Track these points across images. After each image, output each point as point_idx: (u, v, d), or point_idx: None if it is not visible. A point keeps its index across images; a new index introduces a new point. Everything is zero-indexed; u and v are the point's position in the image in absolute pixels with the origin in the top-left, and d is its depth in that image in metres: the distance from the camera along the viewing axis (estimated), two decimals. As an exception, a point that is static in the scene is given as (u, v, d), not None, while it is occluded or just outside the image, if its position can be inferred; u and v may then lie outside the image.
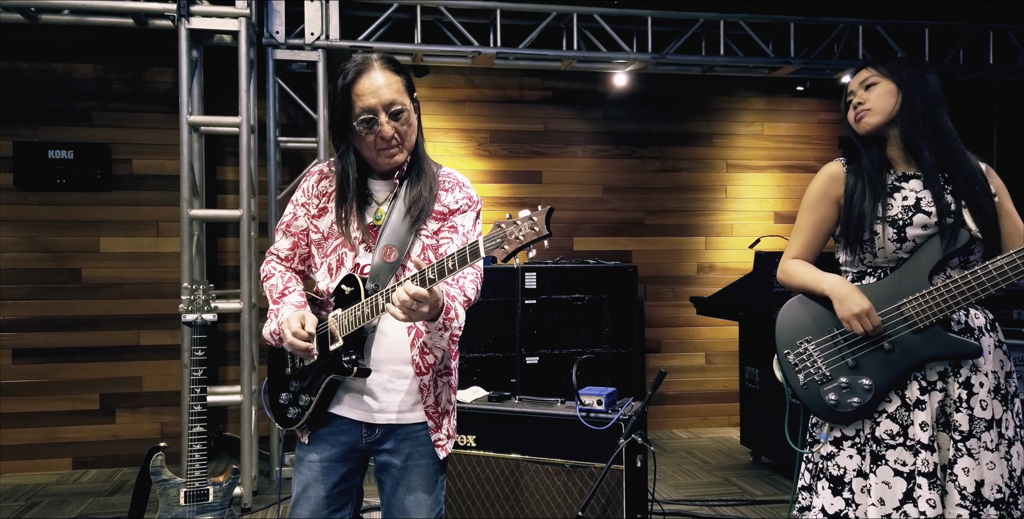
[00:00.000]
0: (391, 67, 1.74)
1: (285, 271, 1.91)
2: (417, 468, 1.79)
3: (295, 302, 1.83)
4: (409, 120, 1.74)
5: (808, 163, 5.65)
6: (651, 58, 4.68)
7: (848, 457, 1.83)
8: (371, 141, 1.72)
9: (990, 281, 1.71)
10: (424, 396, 1.77)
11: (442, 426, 1.81)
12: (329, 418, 1.81)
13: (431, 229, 1.78)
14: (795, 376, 1.89)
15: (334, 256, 1.81)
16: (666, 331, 5.46)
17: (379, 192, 1.81)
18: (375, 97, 1.68)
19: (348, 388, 1.79)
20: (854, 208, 1.87)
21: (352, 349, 1.71)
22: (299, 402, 1.80)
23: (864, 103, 1.89)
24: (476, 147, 5.25)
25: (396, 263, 1.72)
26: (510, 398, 3.10)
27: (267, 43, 4.24)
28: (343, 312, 1.73)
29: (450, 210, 1.80)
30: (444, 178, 1.85)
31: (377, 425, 1.78)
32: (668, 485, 4.19)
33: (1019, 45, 4.99)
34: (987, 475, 1.73)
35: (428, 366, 1.76)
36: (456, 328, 1.71)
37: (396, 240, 1.74)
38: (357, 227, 1.77)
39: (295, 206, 1.88)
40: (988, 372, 1.79)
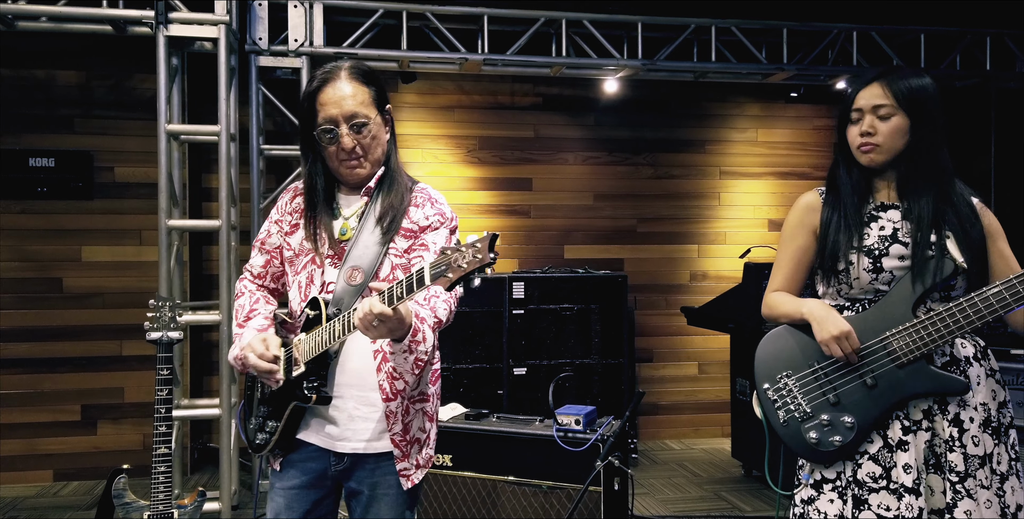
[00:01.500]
0: (359, 77, 1.68)
1: (256, 290, 1.86)
2: (386, 497, 1.73)
3: (258, 326, 1.78)
4: (374, 133, 1.69)
5: (803, 170, 5.57)
6: (642, 64, 4.60)
7: (829, 501, 1.75)
8: (332, 152, 1.69)
9: (976, 314, 1.63)
10: (391, 423, 1.69)
11: (410, 455, 1.73)
12: (299, 444, 1.75)
13: (401, 247, 1.71)
14: (775, 413, 1.81)
15: (304, 273, 1.76)
16: (659, 340, 5.38)
17: (346, 206, 1.76)
18: (337, 108, 1.64)
19: (315, 414, 1.73)
20: (829, 237, 1.80)
21: (314, 375, 1.65)
22: (266, 428, 1.75)
23: (875, 135, 1.76)
24: (466, 154, 5.18)
25: (362, 285, 1.66)
26: (488, 416, 3.04)
27: (250, 50, 4.18)
28: (306, 336, 1.67)
29: (420, 227, 1.73)
30: (417, 193, 1.78)
31: (344, 454, 1.72)
32: (657, 500, 4.12)
33: (1016, 51, 4.90)
34: (985, 514, 1.65)
35: (397, 392, 1.68)
36: (422, 352, 1.63)
37: (363, 260, 1.68)
38: (324, 242, 1.72)
39: (270, 223, 1.85)
40: (978, 405, 1.72)
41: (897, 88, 1.75)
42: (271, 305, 1.86)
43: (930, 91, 1.76)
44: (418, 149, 5.11)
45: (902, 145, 1.77)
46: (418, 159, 5.10)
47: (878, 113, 1.76)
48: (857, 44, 4.74)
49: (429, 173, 5.10)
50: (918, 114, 1.74)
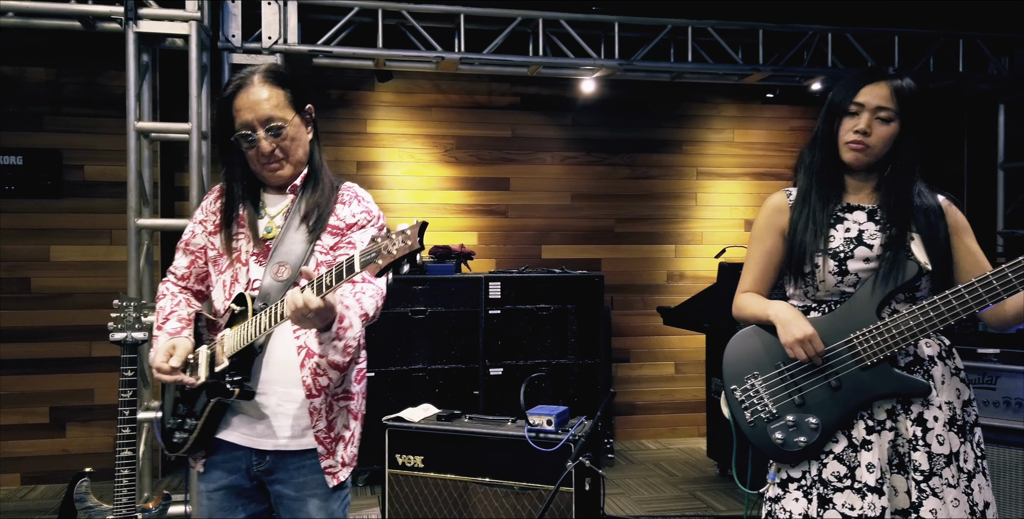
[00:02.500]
0: (273, 80, 1.69)
1: (177, 292, 1.86)
2: (313, 498, 1.72)
3: (171, 329, 1.77)
4: (292, 135, 1.71)
5: (779, 171, 5.59)
6: (618, 64, 4.60)
7: (794, 500, 1.75)
8: (252, 156, 1.71)
9: (938, 316, 1.64)
10: (315, 420, 1.70)
11: (335, 452, 1.73)
12: (220, 444, 1.74)
13: (327, 244, 1.73)
14: (742, 414, 1.81)
15: (229, 272, 1.76)
16: (635, 340, 5.39)
17: (271, 205, 1.78)
18: (252, 112, 1.66)
19: (236, 411, 1.72)
20: (796, 239, 1.80)
21: (238, 370, 1.65)
22: (185, 426, 1.73)
23: (870, 135, 1.74)
24: (443, 153, 5.16)
25: (289, 281, 1.67)
26: (460, 417, 3.02)
27: (223, 47, 4.13)
28: (231, 331, 1.67)
29: (347, 225, 1.75)
30: (343, 191, 1.80)
31: (267, 452, 1.71)
32: (632, 500, 4.12)
33: (989, 53, 4.95)
34: (953, 513, 1.65)
35: (320, 388, 1.69)
36: (351, 338, 1.64)
37: (290, 256, 1.69)
38: (249, 241, 1.73)
39: (193, 223, 1.85)
40: (942, 404, 1.72)
41: (903, 95, 1.74)
42: (192, 307, 1.85)
43: (924, 99, 1.77)
44: (395, 148, 5.08)
45: (887, 151, 1.77)
46: (395, 158, 5.07)
47: (879, 115, 1.74)
48: (832, 46, 4.76)
49: (406, 173, 5.08)
50: (910, 124, 1.75)
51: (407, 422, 2.96)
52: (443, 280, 4.43)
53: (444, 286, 4.42)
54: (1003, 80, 5.00)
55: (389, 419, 3.01)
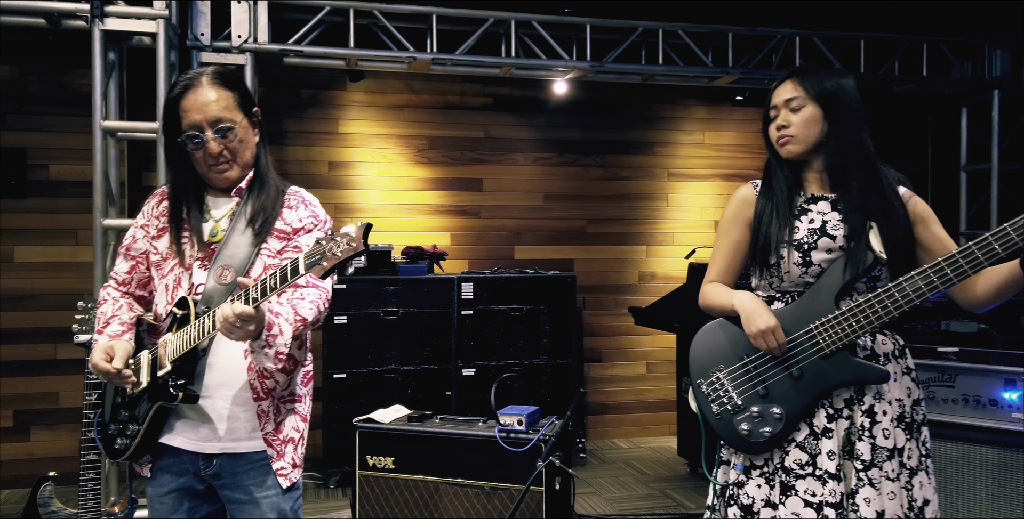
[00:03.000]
0: (221, 82, 1.69)
1: (119, 298, 1.84)
2: (265, 501, 1.72)
3: (112, 332, 1.75)
4: (240, 137, 1.70)
5: (748, 172, 5.66)
6: (590, 66, 4.63)
7: (757, 486, 1.80)
8: (199, 157, 1.69)
9: (893, 304, 1.68)
10: (263, 422, 1.70)
11: (285, 454, 1.74)
12: (165, 449, 1.73)
13: (274, 248, 1.73)
14: (709, 407, 1.85)
15: (171, 276, 1.74)
16: (607, 340, 5.42)
17: (215, 208, 1.77)
18: (200, 113, 1.65)
19: (181, 416, 1.71)
20: (761, 231, 1.84)
21: (180, 374, 1.64)
22: (127, 432, 1.72)
23: (788, 127, 1.82)
24: (415, 154, 5.15)
25: (232, 284, 1.66)
26: (431, 418, 3.02)
27: (191, 45, 4.09)
28: (173, 335, 1.66)
29: (294, 229, 1.75)
30: (290, 195, 1.80)
31: (213, 456, 1.70)
32: (603, 498, 4.14)
33: (952, 58, 5.06)
34: (887, 505, 1.70)
35: (268, 391, 1.70)
36: (281, 345, 1.62)
37: (234, 259, 1.69)
38: (193, 245, 1.72)
39: (135, 228, 1.83)
40: (892, 400, 1.76)
41: (806, 81, 1.81)
42: (134, 312, 1.83)
43: (840, 80, 1.81)
44: (367, 148, 5.06)
45: (818, 133, 1.81)
46: (367, 159, 5.06)
47: (790, 106, 1.82)
48: (800, 49, 4.84)
49: (378, 173, 5.06)
50: (830, 102, 1.79)
51: (378, 423, 2.96)
52: (415, 281, 4.43)
53: (416, 287, 4.42)
54: (965, 84, 5.12)
55: (360, 420, 3.00)
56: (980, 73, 5.13)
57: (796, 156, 1.84)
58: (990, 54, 5.09)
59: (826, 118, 1.80)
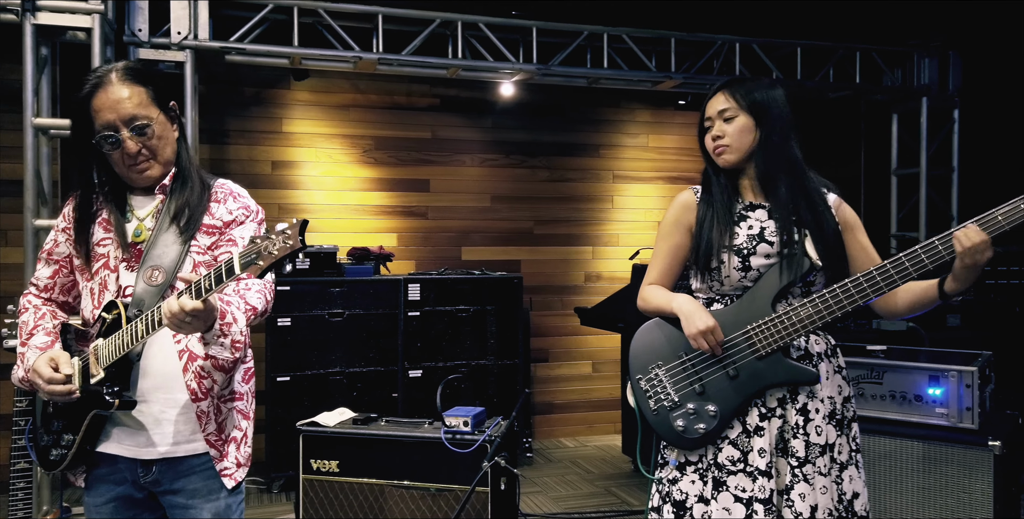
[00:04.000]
0: (133, 78, 1.63)
1: (41, 305, 1.78)
2: (208, 503, 1.68)
3: (40, 343, 1.69)
4: (159, 133, 1.65)
5: (691, 175, 5.78)
6: (537, 69, 4.67)
7: (691, 482, 1.85)
8: (117, 158, 1.63)
9: (827, 309, 1.75)
10: (203, 423, 1.66)
11: (228, 454, 1.70)
12: (101, 458, 1.68)
13: (204, 244, 1.68)
14: (646, 402, 1.89)
15: (96, 280, 1.68)
16: (554, 340, 5.47)
17: (139, 207, 1.72)
18: (113, 112, 1.59)
19: (117, 423, 1.66)
20: (703, 236, 1.89)
21: (115, 380, 1.59)
22: (61, 442, 1.67)
23: (723, 137, 1.87)
24: (361, 154, 5.11)
25: (164, 285, 1.62)
26: (376, 420, 3.01)
27: (129, 41, 3.99)
28: (104, 341, 1.61)
29: (224, 223, 1.71)
30: (217, 189, 1.75)
31: (153, 462, 1.66)
32: (549, 497, 4.18)
33: (883, 66, 5.26)
34: (820, 500, 1.76)
35: (206, 391, 1.66)
36: (237, 333, 1.60)
37: (163, 259, 1.64)
38: (117, 246, 1.67)
39: (56, 232, 1.77)
40: (824, 398, 1.83)
41: (736, 92, 1.88)
42: (58, 320, 1.77)
43: (769, 90, 1.89)
44: (312, 148, 5.00)
45: (751, 142, 1.87)
46: (312, 159, 5.00)
47: (723, 116, 1.88)
48: (740, 55, 4.96)
49: (323, 173, 5.01)
50: (760, 112, 1.86)
51: (322, 427, 2.94)
52: (361, 282, 4.40)
53: (362, 288, 4.39)
54: (895, 91, 5.32)
55: (304, 424, 2.97)
56: (910, 81, 5.34)
57: (732, 165, 1.90)
58: (919, 62, 5.30)
59: (758, 127, 1.86)
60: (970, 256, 1.62)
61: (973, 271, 1.65)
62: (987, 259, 1.63)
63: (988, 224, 1.62)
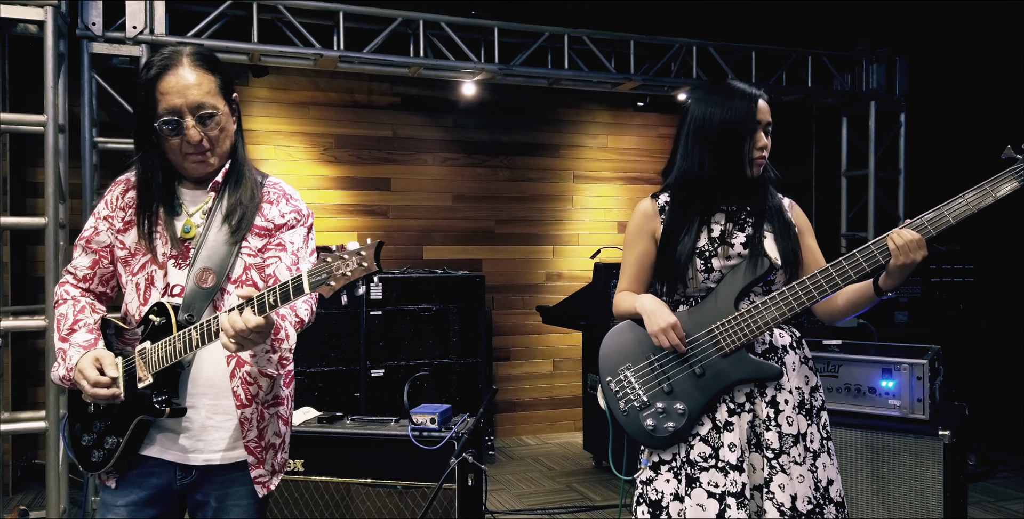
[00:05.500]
0: (204, 64, 1.57)
1: (79, 296, 1.70)
2: (236, 509, 1.65)
3: (83, 341, 1.63)
4: (222, 125, 1.60)
5: (649, 176, 5.88)
6: (498, 69, 4.69)
7: (666, 481, 1.88)
8: (176, 145, 1.57)
9: (787, 306, 1.80)
10: (245, 430, 1.62)
11: (265, 461, 1.66)
12: (140, 460, 1.63)
13: (255, 246, 1.63)
14: (616, 403, 1.92)
15: (142, 274, 1.63)
16: (515, 339, 5.51)
17: (190, 202, 1.66)
18: (181, 97, 1.53)
19: (161, 427, 1.62)
20: (668, 241, 1.92)
21: (163, 387, 1.55)
22: (104, 444, 1.61)
23: (767, 149, 1.88)
24: (321, 152, 5.07)
25: (214, 288, 1.57)
26: (342, 419, 3.00)
27: (82, 35, 3.89)
28: (152, 346, 1.56)
29: (276, 225, 1.66)
30: (269, 188, 1.70)
31: (194, 467, 1.63)
32: (512, 494, 4.21)
33: (834, 70, 5.41)
34: (798, 488, 1.81)
35: (251, 397, 1.61)
36: (286, 350, 1.59)
37: (214, 262, 1.58)
38: (166, 241, 1.61)
39: (96, 219, 1.69)
40: (792, 389, 1.88)
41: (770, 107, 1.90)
42: (97, 313, 1.70)
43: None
44: (271, 146, 4.95)
45: None
46: (271, 156, 4.94)
47: (767, 129, 1.90)
48: (697, 58, 5.06)
49: (283, 171, 4.95)
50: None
51: (287, 425, 2.91)
52: (322, 281, 4.35)
53: (323, 287, 4.35)
54: (845, 95, 5.48)
55: (268, 423, 2.94)
56: (859, 85, 5.51)
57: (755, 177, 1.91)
58: (868, 67, 5.47)
59: None
60: (904, 254, 1.68)
61: (906, 269, 1.71)
62: (921, 257, 1.68)
63: (918, 227, 1.70)
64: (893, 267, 1.71)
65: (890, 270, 1.73)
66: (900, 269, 1.71)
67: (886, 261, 1.71)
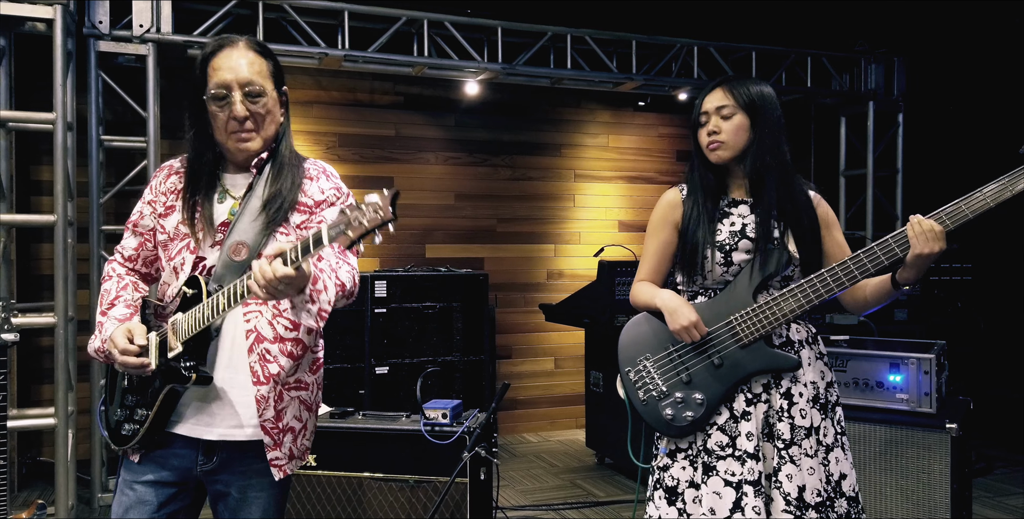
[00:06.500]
0: (258, 48, 1.64)
1: (124, 275, 1.76)
2: (257, 500, 1.66)
3: (119, 315, 1.67)
4: (268, 106, 1.63)
5: (649, 175, 5.91)
6: (501, 68, 4.72)
7: (681, 468, 1.91)
8: (223, 120, 1.61)
9: (805, 298, 1.83)
10: (261, 409, 1.62)
11: (282, 444, 1.65)
12: (165, 438, 1.66)
13: (294, 222, 1.65)
14: (636, 393, 1.95)
15: (179, 259, 1.67)
16: (517, 337, 5.53)
17: (234, 186, 1.69)
18: (232, 73, 1.58)
19: (188, 401, 1.64)
20: (688, 233, 1.96)
21: (192, 354, 1.58)
22: (135, 417, 1.64)
23: (719, 133, 1.92)
24: (325, 151, 5.09)
25: (245, 261, 1.60)
26: (354, 414, 3.02)
27: (89, 33, 3.90)
28: (183, 315, 1.59)
29: (316, 202, 1.68)
30: (310, 166, 1.73)
31: (214, 450, 1.64)
32: (517, 491, 4.24)
33: (832, 71, 5.46)
34: (808, 480, 1.84)
35: (268, 376, 1.61)
36: (325, 302, 1.58)
37: (248, 235, 1.61)
38: (202, 226, 1.64)
39: (143, 204, 1.74)
40: (807, 383, 1.91)
41: (737, 91, 1.94)
42: (139, 292, 1.75)
43: (766, 93, 1.95)
44: (274, 145, 4.95)
45: (745, 141, 1.94)
46: (274, 155, 4.95)
47: (721, 113, 1.93)
48: (698, 58, 5.10)
49: (286, 170, 4.96)
50: (757, 113, 1.92)
51: (299, 421, 2.93)
52: (327, 279, 4.37)
53: (328, 285, 4.36)
54: (844, 95, 5.54)
55: (279, 419, 2.96)
56: (857, 85, 5.57)
57: (723, 161, 1.96)
58: (866, 68, 5.53)
59: (752, 127, 1.93)
60: (922, 243, 1.71)
61: (924, 259, 1.73)
62: (939, 250, 1.71)
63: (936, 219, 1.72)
64: (911, 258, 1.73)
65: (908, 262, 1.75)
66: (917, 259, 1.73)
67: (904, 253, 1.74)
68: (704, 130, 1.97)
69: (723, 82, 1.97)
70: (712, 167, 1.99)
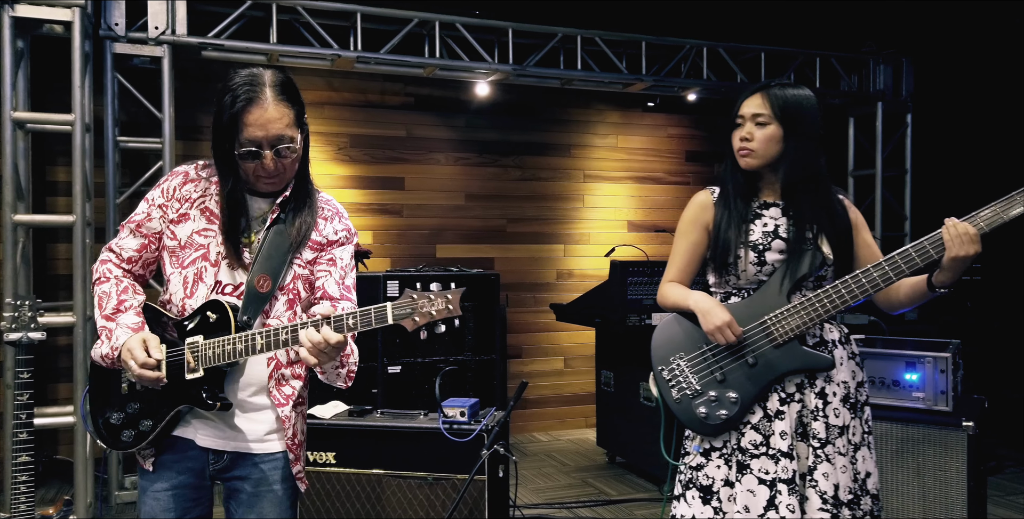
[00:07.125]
0: (285, 97, 1.63)
1: (121, 277, 1.74)
2: (270, 495, 1.71)
3: (131, 323, 1.67)
4: (296, 154, 1.68)
5: (658, 175, 5.94)
6: (512, 69, 4.75)
7: (716, 467, 1.93)
8: (250, 168, 1.65)
9: (840, 299, 1.85)
10: (285, 428, 1.70)
11: (300, 458, 1.76)
12: (174, 442, 1.69)
13: (306, 258, 1.73)
14: (669, 391, 1.97)
15: (192, 269, 1.69)
16: (527, 337, 5.56)
17: (255, 210, 1.73)
18: (263, 131, 1.60)
19: (198, 414, 1.68)
20: (720, 234, 1.97)
21: (213, 381, 1.62)
22: (138, 426, 1.67)
23: (750, 140, 1.93)
24: (336, 151, 5.12)
25: (268, 294, 1.66)
26: (372, 412, 3.05)
27: (105, 35, 3.93)
28: (206, 341, 1.62)
29: (328, 241, 1.77)
30: (323, 205, 1.80)
31: (226, 451, 1.69)
32: (529, 489, 4.26)
33: (841, 71, 5.48)
34: (841, 478, 1.86)
35: (287, 397, 1.70)
36: (352, 364, 1.68)
37: (270, 268, 1.67)
38: (220, 241, 1.69)
39: (151, 206, 1.73)
40: (840, 382, 1.93)
41: (775, 100, 1.93)
42: (140, 295, 1.75)
43: (806, 104, 1.93)
44: (286, 146, 4.98)
45: (776, 152, 1.94)
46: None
47: (756, 121, 1.94)
48: (707, 59, 5.12)
49: (298, 170, 5.00)
50: (792, 125, 1.92)
51: (319, 419, 2.96)
52: (340, 279, 4.39)
53: (341, 285, 4.39)
54: (852, 96, 5.55)
55: (298, 417, 2.99)
56: (865, 86, 5.59)
57: (752, 169, 1.97)
58: (874, 69, 5.55)
59: (785, 138, 1.92)
60: (957, 246, 1.73)
61: (960, 262, 1.75)
62: (974, 253, 1.72)
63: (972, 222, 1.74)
64: (946, 261, 1.75)
65: (943, 265, 1.76)
66: (952, 262, 1.74)
67: (939, 256, 1.76)
68: (737, 134, 1.97)
69: (764, 88, 1.96)
70: (744, 169, 2.00)
